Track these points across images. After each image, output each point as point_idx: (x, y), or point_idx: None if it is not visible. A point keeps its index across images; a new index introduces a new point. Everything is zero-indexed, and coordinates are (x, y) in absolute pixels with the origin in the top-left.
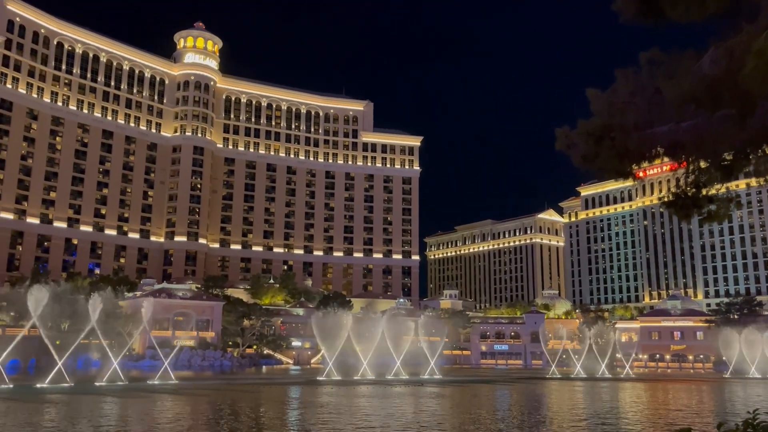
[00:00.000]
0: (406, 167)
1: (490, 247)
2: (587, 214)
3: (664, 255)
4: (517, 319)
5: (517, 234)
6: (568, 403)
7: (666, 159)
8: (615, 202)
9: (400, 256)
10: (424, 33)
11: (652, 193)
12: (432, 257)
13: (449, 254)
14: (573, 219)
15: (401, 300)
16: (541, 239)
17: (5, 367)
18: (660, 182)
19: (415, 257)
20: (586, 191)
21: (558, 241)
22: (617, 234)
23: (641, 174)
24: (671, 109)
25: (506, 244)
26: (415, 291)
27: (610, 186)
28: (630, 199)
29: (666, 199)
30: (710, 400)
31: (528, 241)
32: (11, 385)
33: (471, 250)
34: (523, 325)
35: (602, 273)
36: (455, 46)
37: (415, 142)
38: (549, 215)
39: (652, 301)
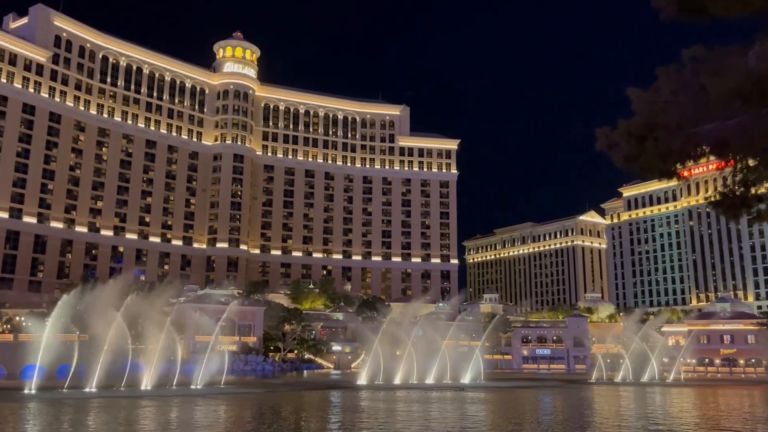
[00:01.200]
0: (444, 171)
1: (531, 250)
2: (630, 215)
3: (712, 256)
4: (559, 323)
5: (558, 236)
6: (614, 408)
7: (712, 158)
8: (659, 203)
9: (438, 260)
10: (460, 35)
11: (698, 192)
12: (471, 261)
13: (488, 258)
14: (615, 220)
15: (440, 304)
16: (583, 241)
17: (57, 371)
18: (706, 181)
19: (454, 261)
20: (628, 192)
21: (600, 243)
22: (662, 235)
23: (686, 173)
24: (716, 107)
25: (547, 247)
26: (454, 295)
27: (654, 186)
28: (675, 199)
29: (713, 199)
30: (764, 405)
31: (569, 243)
32: (64, 390)
33: (511, 254)
34: (565, 328)
35: (647, 275)
36: (492, 49)
37: (452, 145)
38: (590, 217)
39: (700, 303)
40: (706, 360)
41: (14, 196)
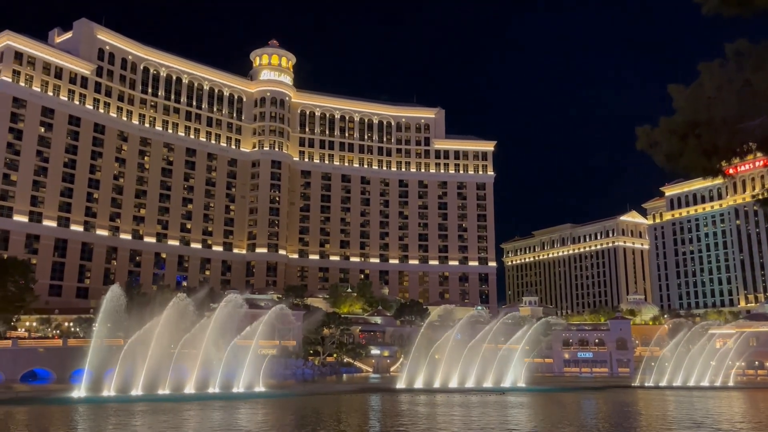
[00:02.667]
0: (480, 173)
1: (570, 251)
2: (673, 215)
3: (761, 256)
4: (601, 326)
5: (599, 237)
6: (661, 413)
7: (759, 154)
8: (703, 201)
9: (476, 263)
10: (495, 36)
11: (744, 190)
12: (509, 263)
13: (527, 260)
14: (658, 220)
15: (479, 307)
16: (624, 242)
17: (104, 376)
18: (753, 179)
19: (492, 264)
20: (670, 191)
21: (642, 244)
22: (707, 235)
23: (731, 171)
24: (763, 102)
25: (587, 248)
26: (493, 298)
27: (698, 185)
28: (720, 197)
29: (761, 197)
30: None
31: (610, 244)
32: (112, 393)
33: (550, 256)
34: (607, 331)
35: (692, 276)
36: (528, 48)
37: (488, 147)
38: (632, 217)
39: (749, 305)
40: (756, 363)
41: (62, 205)
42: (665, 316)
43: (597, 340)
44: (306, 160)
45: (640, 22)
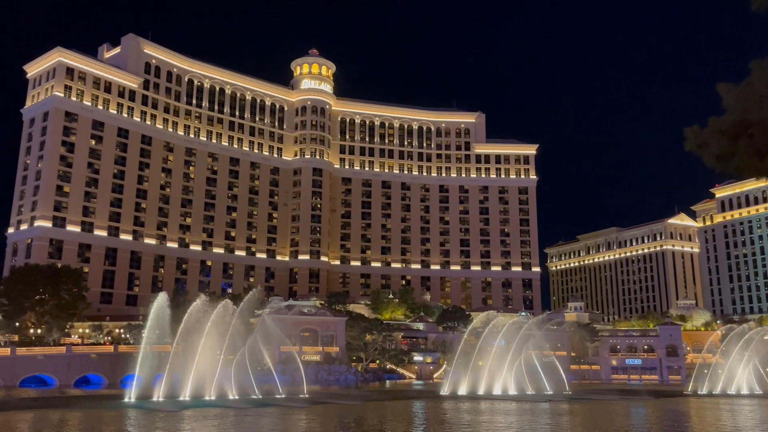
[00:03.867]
0: (522, 177)
1: (616, 255)
2: (724, 217)
3: None
4: (650, 332)
5: (646, 241)
6: (714, 423)
7: None
8: (756, 203)
9: (519, 268)
10: (535, 38)
11: None
12: (553, 268)
13: (572, 265)
14: (708, 223)
15: (523, 313)
16: (673, 246)
17: (153, 381)
18: None
19: (536, 269)
20: (721, 192)
21: (692, 247)
22: (761, 237)
23: None
24: None
25: (634, 252)
26: (537, 304)
27: (750, 185)
28: None
29: None
30: None
31: (658, 248)
32: (161, 399)
33: (595, 260)
34: (657, 337)
35: (745, 280)
36: (570, 49)
37: (530, 150)
38: (680, 220)
39: None
40: None
41: (112, 215)
42: (717, 321)
43: (646, 347)
44: (346, 167)
45: (688, 22)
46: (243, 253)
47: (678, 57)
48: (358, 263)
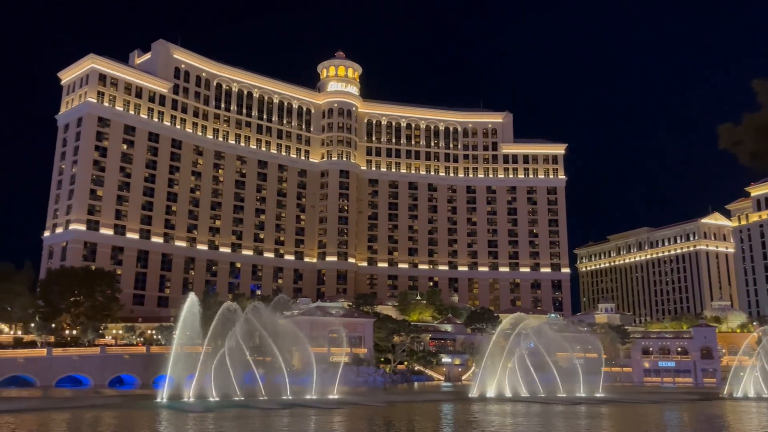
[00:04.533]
0: (551, 177)
1: (648, 256)
2: (761, 216)
3: None
4: (684, 334)
5: (679, 241)
6: (752, 428)
7: None
8: None
9: (548, 269)
10: (561, 37)
11: None
12: (583, 269)
13: (602, 265)
14: (743, 222)
15: (553, 315)
16: (707, 246)
17: (185, 382)
18: None
19: (565, 270)
20: (757, 191)
21: (727, 248)
22: None
23: None
24: None
25: (666, 253)
26: (566, 305)
27: None
28: None
29: None
30: None
31: (691, 248)
32: (191, 399)
33: (626, 261)
34: (690, 339)
35: None
36: (598, 47)
37: (559, 149)
38: (714, 219)
39: None
40: None
41: (143, 218)
42: (754, 323)
43: (679, 349)
44: (373, 168)
45: (721, 20)
46: (271, 255)
47: (712, 53)
48: (385, 265)
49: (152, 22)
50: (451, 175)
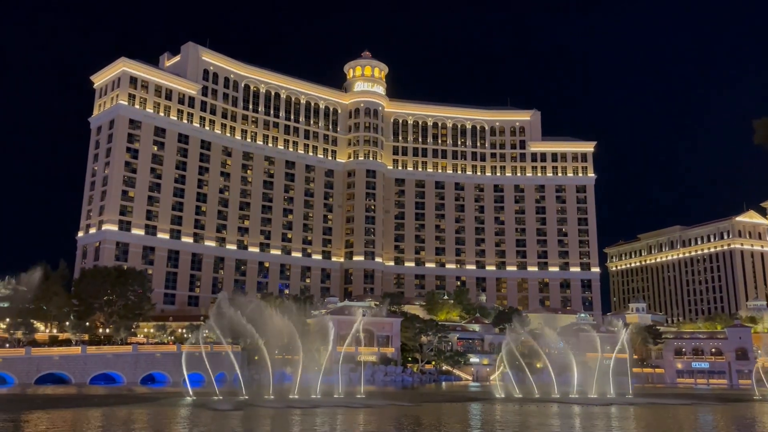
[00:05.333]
0: (580, 175)
1: (680, 255)
2: None
3: None
4: (718, 334)
5: (712, 240)
6: None
7: None
8: None
9: (578, 269)
10: (590, 31)
11: None
12: (613, 268)
13: (633, 265)
14: None
15: (582, 314)
16: (742, 244)
17: (215, 379)
18: None
19: (595, 269)
20: None
21: (762, 246)
22: None
23: None
24: None
25: (699, 252)
26: (597, 305)
27: None
28: None
29: None
30: None
31: (726, 247)
32: (220, 397)
33: (658, 260)
34: (725, 340)
35: None
36: (625, 40)
37: (588, 147)
38: (749, 217)
39: None
40: None
41: (173, 218)
42: None
43: (713, 350)
44: (400, 168)
45: (757, 19)
46: (299, 255)
47: (747, 50)
48: (413, 264)
49: (182, 24)
50: (479, 174)
